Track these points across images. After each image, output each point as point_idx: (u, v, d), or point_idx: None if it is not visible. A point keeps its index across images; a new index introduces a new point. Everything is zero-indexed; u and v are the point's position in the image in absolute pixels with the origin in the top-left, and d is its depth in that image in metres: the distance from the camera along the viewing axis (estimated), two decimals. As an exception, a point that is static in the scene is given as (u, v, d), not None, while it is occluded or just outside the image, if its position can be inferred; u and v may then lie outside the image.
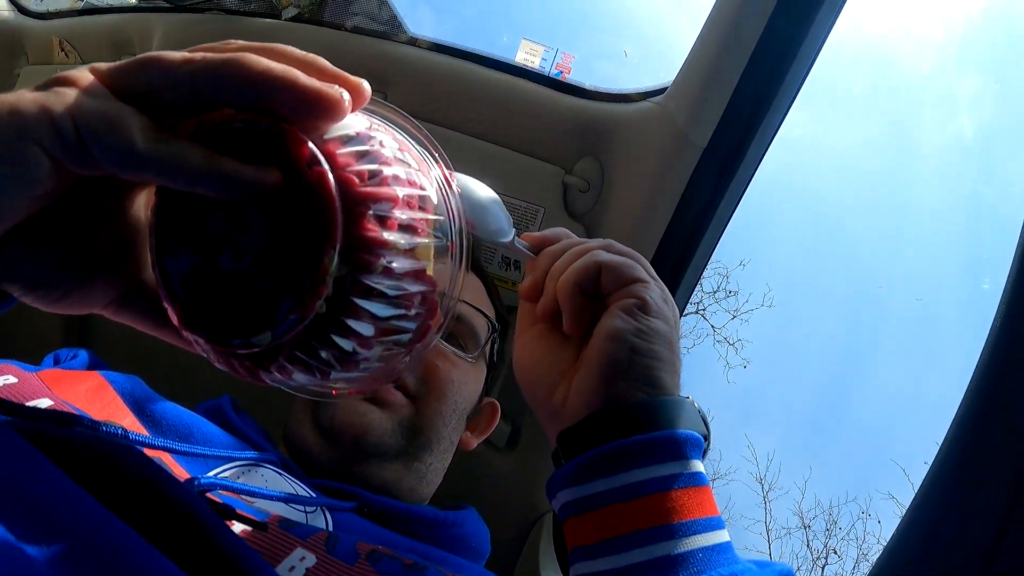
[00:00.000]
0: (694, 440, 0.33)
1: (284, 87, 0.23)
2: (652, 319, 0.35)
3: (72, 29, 1.10)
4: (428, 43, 0.88)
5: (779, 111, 0.66)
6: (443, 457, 0.58)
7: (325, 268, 0.23)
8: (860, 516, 6.97)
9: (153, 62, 0.24)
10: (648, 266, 0.38)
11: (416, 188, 0.27)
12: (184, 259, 0.26)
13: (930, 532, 0.34)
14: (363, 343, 0.26)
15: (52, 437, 0.31)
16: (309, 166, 0.23)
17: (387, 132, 0.28)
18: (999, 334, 0.33)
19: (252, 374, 0.27)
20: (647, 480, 0.31)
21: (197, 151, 0.23)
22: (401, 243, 0.25)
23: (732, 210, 0.73)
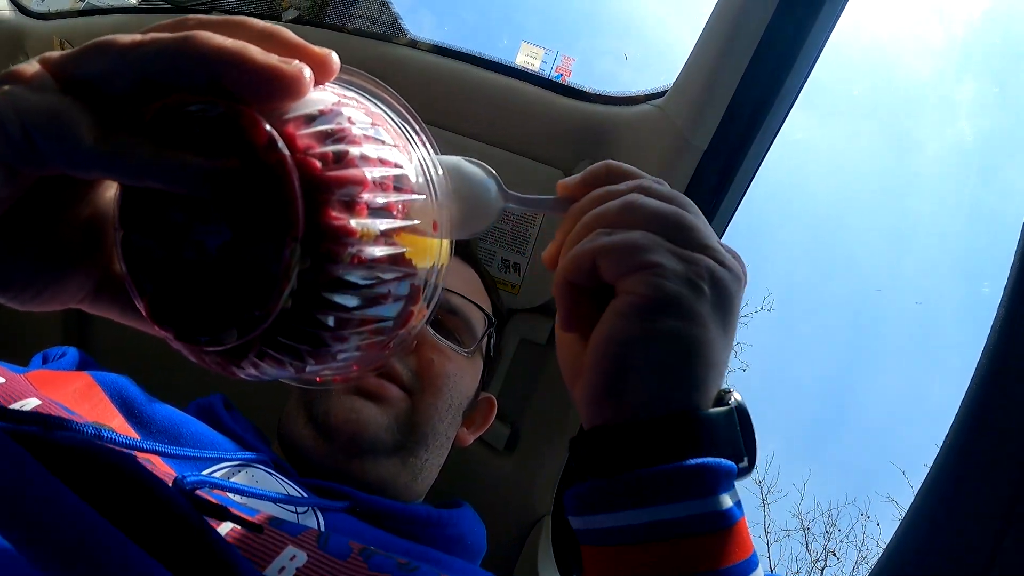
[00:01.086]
0: (715, 469, 0.27)
1: (237, 64, 0.21)
2: (659, 319, 0.28)
3: (73, 29, 1.10)
4: (428, 45, 0.88)
5: (779, 114, 0.66)
6: (439, 453, 0.57)
7: (287, 261, 0.22)
8: (859, 518, 6.98)
9: (100, 47, 0.22)
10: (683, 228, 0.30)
11: (390, 167, 0.25)
12: (149, 251, 0.24)
13: (930, 535, 0.34)
14: (336, 336, 0.24)
15: (40, 441, 0.30)
16: (266, 151, 0.21)
17: (359, 106, 0.26)
18: (998, 337, 0.33)
19: (225, 369, 0.26)
20: (655, 522, 0.27)
21: (144, 144, 0.21)
22: (372, 228, 0.23)
23: (732, 213, 0.73)
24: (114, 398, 0.45)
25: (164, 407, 0.47)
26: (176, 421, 0.45)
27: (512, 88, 0.81)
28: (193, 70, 0.22)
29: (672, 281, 0.28)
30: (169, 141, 0.22)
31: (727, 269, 0.30)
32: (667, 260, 0.28)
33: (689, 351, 0.29)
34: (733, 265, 0.30)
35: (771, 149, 0.69)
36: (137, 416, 0.44)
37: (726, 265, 0.30)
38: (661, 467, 0.27)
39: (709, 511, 0.26)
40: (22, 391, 0.38)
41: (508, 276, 0.80)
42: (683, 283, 0.28)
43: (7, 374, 0.39)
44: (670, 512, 0.26)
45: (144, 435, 0.43)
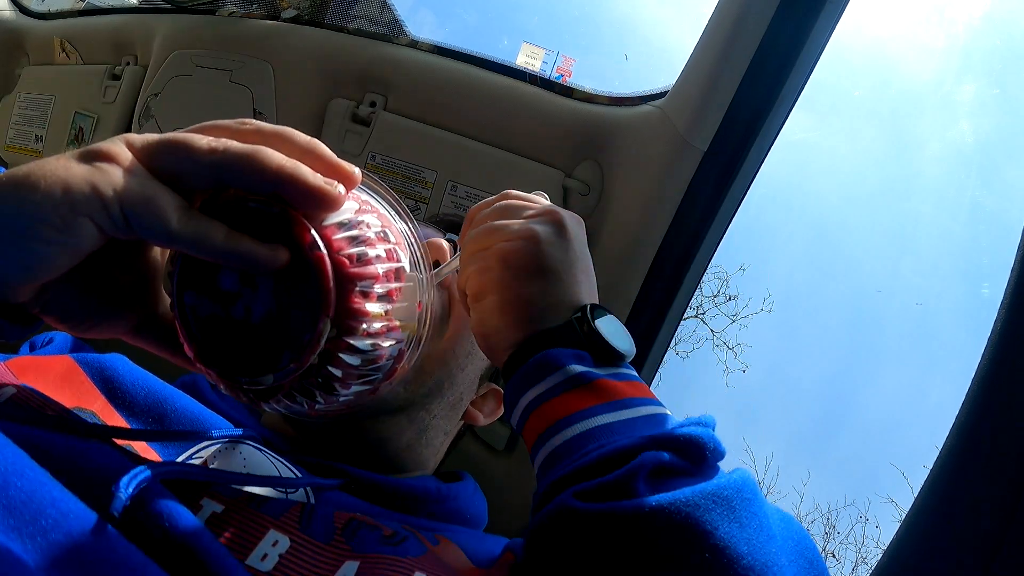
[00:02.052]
0: (556, 354, 0.37)
1: (294, 182, 0.29)
2: (480, 302, 0.41)
3: (73, 29, 1.11)
4: (429, 46, 0.88)
5: (779, 115, 0.66)
6: (449, 415, 0.56)
7: (320, 332, 0.29)
8: (859, 520, 6.98)
9: (182, 148, 0.29)
10: (489, 235, 0.42)
11: (394, 263, 0.33)
12: (201, 307, 0.31)
13: (930, 536, 0.34)
14: (343, 384, 0.33)
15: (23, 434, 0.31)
16: (311, 249, 0.29)
17: (372, 210, 0.34)
18: (999, 339, 0.33)
19: (253, 402, 0.33)
20: (527, 403, 0.37)
21: (220, 230, 0.28)
22: (379, 311, 0.32)
23: (732, 214, 0.73)
24: (96, 380, 0.44)
25: (147, 384, 0.45)
26: (160, 398, 0.44)
27: (512, 88, 0.81)
28: (260, 181, 0.29)
29: (479, 276, 0.41)
30: (235, 227, 0.29)
31: (513, 241, 0.41)
32: (474, 264, 0.42)
33: (504, 311, 0.40)
34: (520, 233, 0.41)
35: (771, 150, 0.69)
36: (120, 397, 0.43)
37: (513, 238, 0.41)
38: (517, 371, 0.38)
39: (553, 383, 0.37)
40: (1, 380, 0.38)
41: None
42: (485, 273, 0.41)
43: None
44: (530, 395, 0.37)
45: (127, 416, 0.42)
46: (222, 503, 0.34)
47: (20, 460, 0.28)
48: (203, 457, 0.40)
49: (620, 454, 0.32)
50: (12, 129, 1.12)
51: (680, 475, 0.32)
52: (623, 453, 0.32)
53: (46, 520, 0.25)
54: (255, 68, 0.92)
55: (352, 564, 0.33)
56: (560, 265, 0.41)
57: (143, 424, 0.42)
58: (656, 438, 0.33)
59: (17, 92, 1.13)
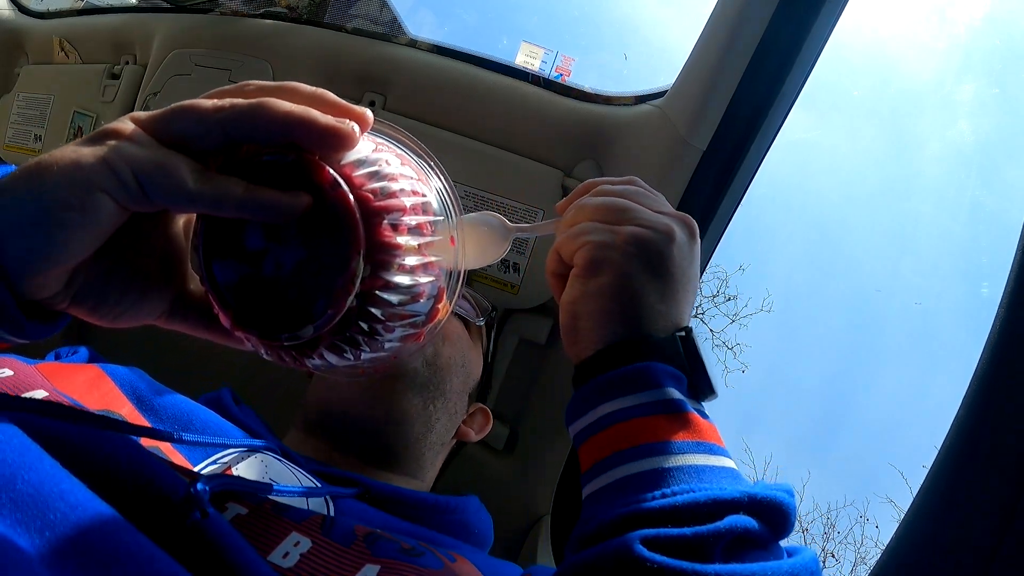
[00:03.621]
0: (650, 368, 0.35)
1: (306, 125, 0.28)
2: (592, 280, 0.38)
3: (72, 29, 1.10)
4: (428, 45, 0.88)
5: (779, 115, 0.66)
6: (447, 423, 0.60)
7: (353, 271, 0.28)
8: (858, 520, 6.98)
9: (187, 111, 0.28)
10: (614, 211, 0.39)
11: (419, 196, 0.32)
12: (230, 271, 0.30)
13: (929, 535, 0.34)
14: (385, 327, 0.31)
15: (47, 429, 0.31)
16: (333, 188, 0.28)
17: (390, 150, 0.33)
18: (998, 338, 0.33)
19: (297, 361, 0.32)
20: (608, 413, 0.35)
21: (239, 184, 0.27)
22: (411, 243, 0.30)
23: (731, 214, 0.73)
24: (124, 387, 0.46)
25: (174, 396, 0.47)
26: (185, 409, 0.46)
27: (512, 88, 0.81)
28: (269, 130, 0.28)
29: (600, 249, 0.38)
30: (254, 184, 0.28)
31: (652, 231, 0.38)
32: (595, 236, 0.38)
33: (619, 297, 0.37)
34: (661, 225, 0.39)
35: (771, 149, 0.69)
36: (147, 404, 0.45)
37: (652, 227, 0.38)
38: (609, 373, 0.36)
39: (651, 399, 0.34)
40: (31, 382, 0.38)
41: (508, 276, 0.80)
42: (609, 249, 0.38)
43: (17, 366, 0.40)
44: (619, 404, 0.35)
45: (154, 422, 0.44)
46: (246, 507, 0.35)
47: (30, 453, 0.28)
48: (227, 464, 0.42)
49: (708, 507, 0.30)
50: (11, 128, 1.12)
51: (758, 546, 0.30)
52: (712, 507, 0.30)
53: (54, 514, 0.25)
54: (254, 67, 0.92)
55: (372, 567, 0.34)
56: (683, 275, 0.39)
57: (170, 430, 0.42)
58: (750, 499, 0.30)
59: (16, 91, 1.13)
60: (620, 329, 0.37)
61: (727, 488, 0.31)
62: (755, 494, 0.31)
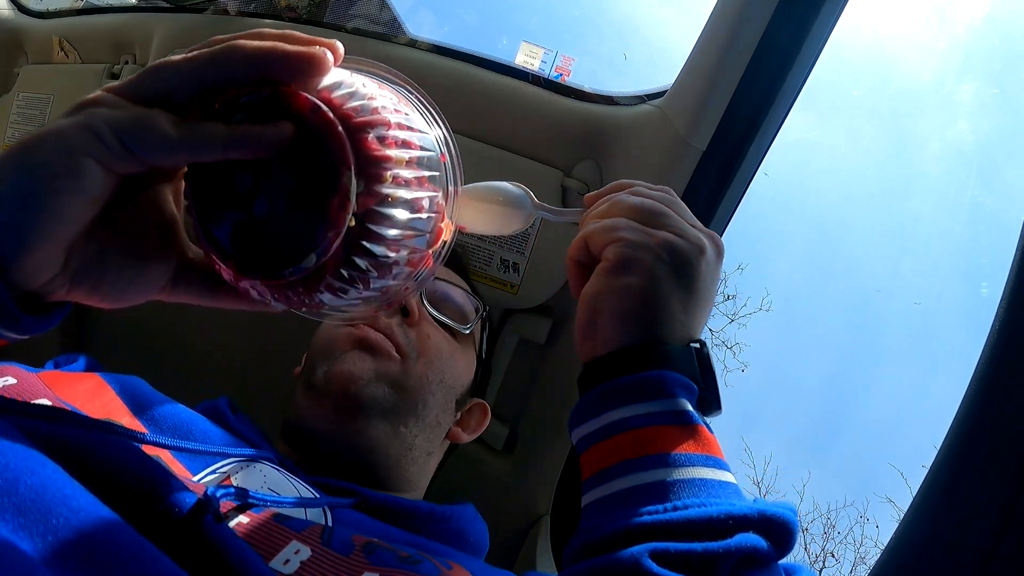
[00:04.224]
0: (664, 376, 0.35)
1: (275, 56, 0.28)
2: (620, 277, 0.37)
3: (72, 29, 1.10)
4: (428, 45, 0.88)
5: (778, 115, 0.66)
6: (429, 436, 0.58)
7: (345, 187, 0.28)
8: (858, 520, 6.98)
9: (159, 68, 0.28)
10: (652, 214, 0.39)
11: (401, 114, 0.31)
12: (225, 220, 0.30)
13: (928, 535, 0.34)
14: (390, 247, 0.31)
15: (50, 434, 0.31)
16: (313, 112, 0.28)
17: (365, 76, 0.33)
18: (998, 338, 0.33)
19: (305, 298, 0.31)
20: (616, 420, 0.35)
21: (219, 127, 0.28)
22: (402, 156, 0.30)
23: (731, 213, 0.73)
24: (124, 397, 0.46)
25: (173, 405, 0.48)
26: (184, 418, 0.46)
27: (512, 88, 0.81)
28: (240, 69, 0.28)
29: (633, 248, 0.37)
30: (234, 122, 0.28)
31: (686, 241, 0.38)
32: (631, 235, 0.38)
33: (645, 299, 0.37)
34: (694, 238, 0.39)
35: (770, 149, 0.69)
36: (146, 414, 0.45)
37: (686, 238, 0.38)
38: (624, 378, 0.35)
39: (663, 409, 0.34)
40: (34, 391, 0.39)
41: (507, 276, 0.80)
42: (642, 250, 0.37)
43: (20, 374, 0.41)
44: (630, 411, 0.34)
45: (154, 431, 0.44)
46: (248, 516, 0.35)
47: (32, 458, 0.28)
48: (227, 473, 0.42)
49: (719, 522, 0.30)
50: (11, 128, 1.12)
51: (763, 566, 0.30)
52: (723, 522, 0.30)
53: (57, 518, 0.26)
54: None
55: (372, 575, 0.34)
56: (706, 290, 0.39)
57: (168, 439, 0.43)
58: (760, 516, 0.30)
59: (16, 91, 1.13)
60: (639, 332, 0.36)
61: (736, 504, 0.31)
62: (765, 511, 0.30)
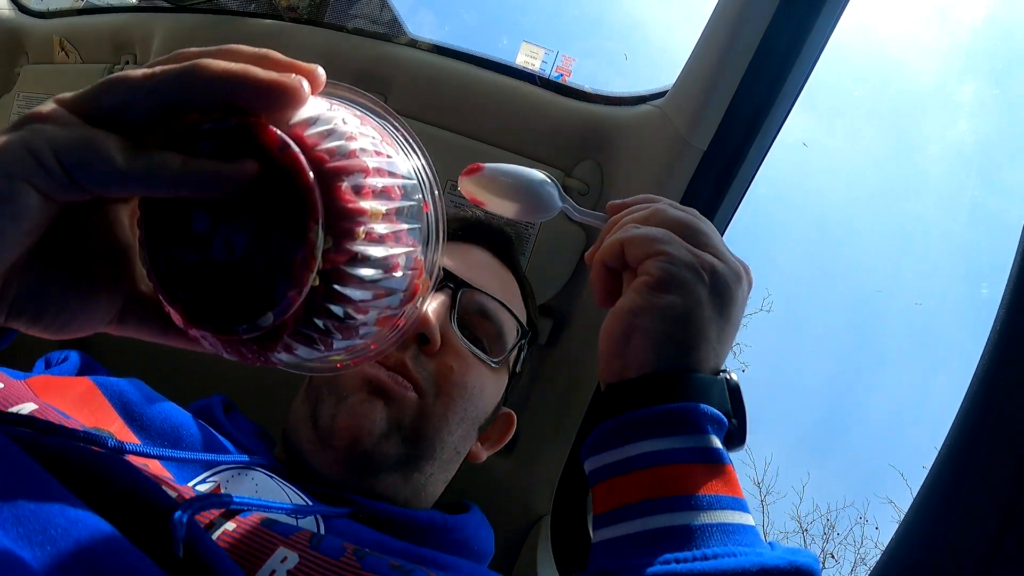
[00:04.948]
0: (698, 411, 0.33)
1: (244, 82, 0.25)
2: (663, 295, 0.35)
3: (72, 28, 1.10)
4: (428, 45, 0.88)
5: (779, 115, 0.66)
6: (446, 468, 0.54)
7: (312, 242, 0.25)
8: (858, 521, 6.98)
9: (115, 82, 0.25)
10: (696, 232, 0.37)
11: (383, 157, 0.28)
12: (178, 260, 0.27)
13: (929, 536, 0.34)
14: (358, 308, 0.27)
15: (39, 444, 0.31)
16: (281, 151, 0.25)
17: (347, 110, 0.29)
18: (998, 339, 0.33)
19: (260, 357, 0.28)
20: (642, 454, 0.32)
21: (173, 158, 0.24)
22: (379, 208, 0.27)
23: (732, 214, 0.73)
24: (114, 402, 0.45)
25: (164, 409, 0.46)
26: (175, 423, 0.45)
27: (512, 88, 0.81)
28: (205, 92, 0.25)
29: (677, 266, 0.35)
30: (193, 155, 0.25)
31: (727, 266, 0.37)
32: (677, 251, 0.35)
33: (684, 322, 0.35)
34: (733, 264, 0.37)
35: (771, 149, 0.69)
36: (137, 420, 0.44)
37: (727, 262, 0.37)
38: (652, 408, 0.33)
39: (693, 445, 0.32)
40: (19, 396, 0.38)
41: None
42: (687, 269, 0.35)
43: (5, 379, 0.39)
44: (658, 444, 0.32)
45: (144, 438, 0.43)
46: (234, 522, 0.34)
47: (29, 469, 0.28)
48: (216, 481, 0.41)
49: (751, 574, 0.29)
50: (11, 128, 1.12)
51: None
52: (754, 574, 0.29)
53: (55, 529, 0.25)
54: (254, 67, 0.92)
55: None
56: (737, 320, 0.38)
57: (159, 446, 0.42)
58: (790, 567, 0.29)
59: (16, 91, 1.13)
60: (674, 357, 0.35)
61: (766, 554, 0.30)
62: (795, 562, 0.30)
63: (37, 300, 0.27)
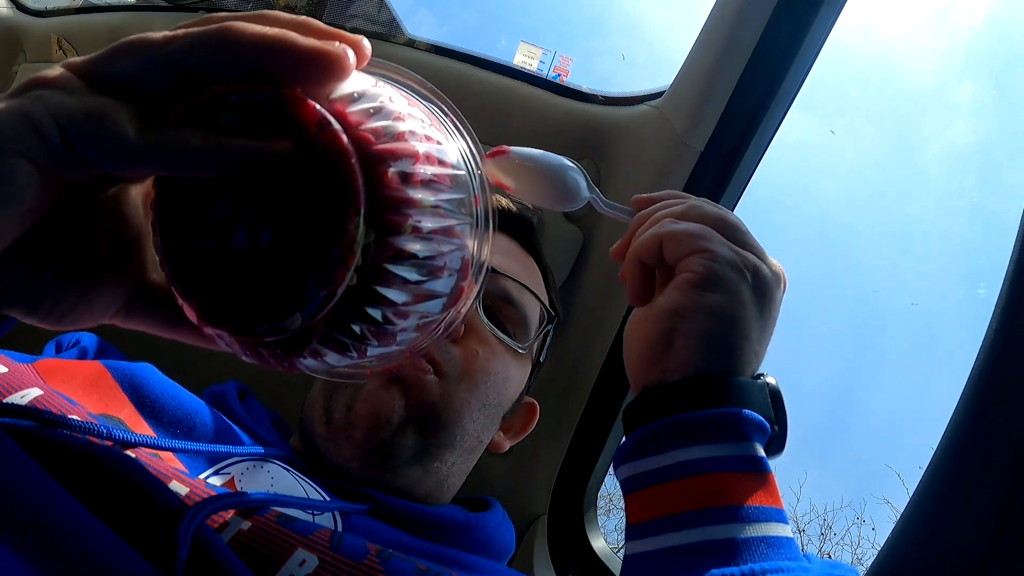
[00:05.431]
0: (746, 418, 0.31)
1: (281, 50, 0.21)
2: (707, 294, 0.33)
3: (71, 27, 1.10)
4: (427, 45, 0.88)
5: (776, 115, 0.66)
6: (467, 457, 0.53)
7: (351, 235, 0.21)
8: (855, 521, 6.99)
9: (132, 45, 0.22)
10: (736, 229, 0.36)
11: (433, 143, 0.25)
12: (195, 250, 0.23)
13: (925, 537, 0.34)
14: (398, 312, 0.24)
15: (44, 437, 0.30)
16: (320, 128, 0.21)
17: (393, 88, 0.26)
18: (994, 339, 0.33)
19: (283, 362, 0.25)
20: (688, 460, 0.30)
21: (193, 132, 0.21)
22: (428, 199, 0.23)
23: (729, 214, 0.73)
24: (125, 387, 0.43)
25: (177, 395, 0.44)
26: (189, 411, 0.43)
27: (510, 88, 0.81)
28: (234, 59, 0.21)
29: (721, 265, 0.33)
30: (216, 131, 0.21)
31: (768, 267, 0.36)
32: (720, 248, 0.34)
33: (729, 323, 0.33)
34: (774, 265, 0.36)
35: (768, 149, 0.69)
36: (149, 406, 0.42)
37: (768, 264, 0.36)
38: (699, 412, 0.31)
39: (738, 454, 0.30)
40: (24, 381, 0.36)
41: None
42: (731, 268, 0.34)
43: (9, 363, 0.38)
44: (703, 452, 0.30)
45: (155, 425, 0.41)
46: (249, 520, 0.32)
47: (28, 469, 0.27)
48: (231, 473, 0.39)
49: None
50: (8, 127, 1.11)
51: None
52: None
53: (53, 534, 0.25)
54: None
55: None
56: (774, 322, 0.36)
57: (170, 435, 0.41)
58: None
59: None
60: (719, 359, 0.33)
61: (811, 570, 0.29)
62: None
63: (32, 291, 0.25)
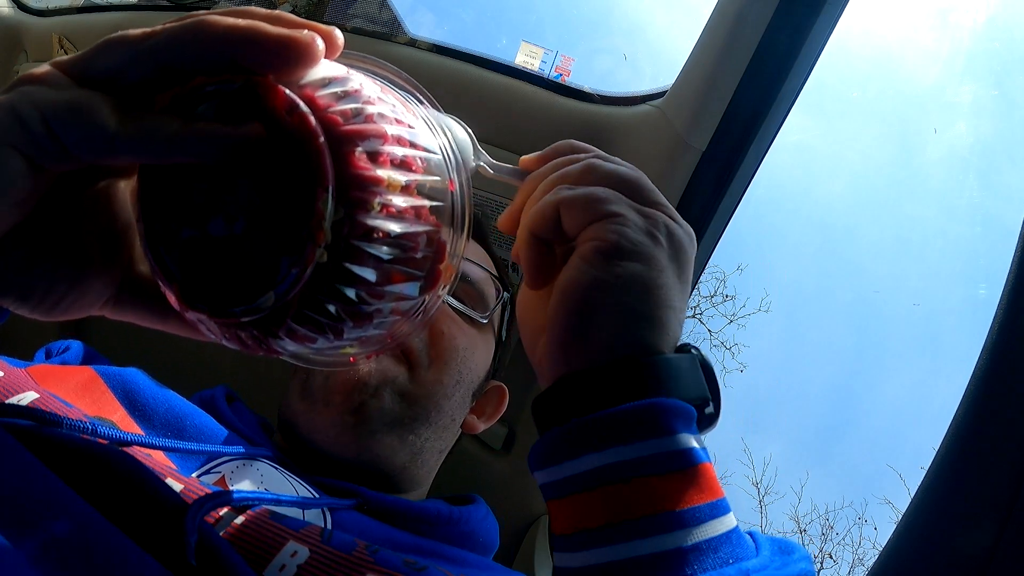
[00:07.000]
0: (668, 407, 0.27)
1: (252, 39, 0.23)
2: (622, 264, 0.29)
3: (72, 27, 1.10)
4: (428, 44, 0.88)
5: (778, 116, 0.66)
6: (442, 435, 0.54)
7: (320, 212, 0.22)
8: (856, 521, 6.99)
9: (113, 43, 0.23)
10: (640, 187, 0.32)
11: (404, 126, 0.25)
12: (175, 237, 0.24)
13: (926, 537, 0.34)
14: (371, 291, 0.24)
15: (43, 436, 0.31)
16: (290, 112, 0.22)
17: (367, 77, 0.27)
18: (996, 340, 0.33)
19: (262, 344, 0.25)
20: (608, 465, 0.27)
21: (170, 120, 0.22)
22: (397, 179, 0.24)
23: (730, 214, 0.73)
24: (117, 391, 0.45)
25: (167, 399, 0.46)
26: (179, 413, 0.45)
27: (511, 88, 0.81)
28: (208, 51, 0.23)
29: (632, 229, 0.30)
30: (192, 118, 0.22)
31: (680, 225, 0.32)
32: (627, 211, 0.30)
33: (650, 292, 0.29)
34: (685, 224, 0.33)
35: (770, 150, 0.69)
36: (140, 409, 0.44)
37: (679, 222, 0.32)
38: (614, 408, 0.27)
39: (664, 451, 0.27)
40: (20, 385, 0.37)
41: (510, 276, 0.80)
42: (642, 232, 0.30)
43: (5, 367, 0.39)
44: (623, 453, 0.27)
45: (146, 428, 0.43)
46: (242, 515, 0.33)
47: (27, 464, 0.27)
48: (221, 472, 0.40)
49: None
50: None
51: None
52: None
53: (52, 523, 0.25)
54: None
55: None
56: (690, 284, 0.32)
57: (162, 436, 0.42)
58: None
59: (15, 89, 1.13)
60: (642, 335, 0.29)
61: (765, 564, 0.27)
62: None
63: (24, 280, 0.26)
